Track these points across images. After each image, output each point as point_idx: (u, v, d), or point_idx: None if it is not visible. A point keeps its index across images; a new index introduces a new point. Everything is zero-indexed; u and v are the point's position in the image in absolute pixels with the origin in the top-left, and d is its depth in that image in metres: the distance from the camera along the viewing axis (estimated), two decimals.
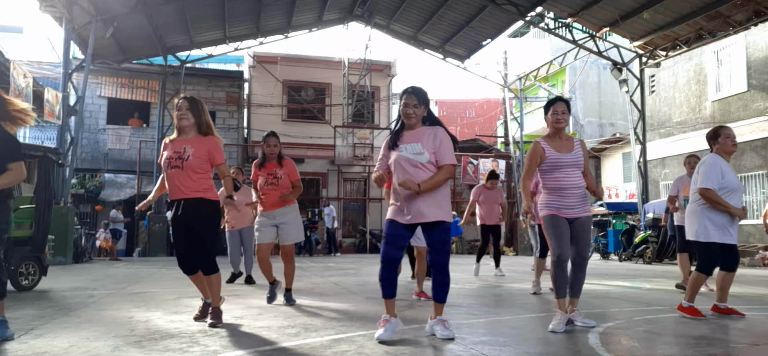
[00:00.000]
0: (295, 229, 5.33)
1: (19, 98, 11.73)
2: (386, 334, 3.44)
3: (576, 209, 4.04)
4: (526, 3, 15.68)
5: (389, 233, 3.60)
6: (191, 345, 3.40)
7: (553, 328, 3.85)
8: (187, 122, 4.04)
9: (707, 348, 3.36)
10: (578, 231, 4.06)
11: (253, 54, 20.25)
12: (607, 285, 7.58)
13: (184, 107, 4.06)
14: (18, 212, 6.87)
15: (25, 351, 3.20)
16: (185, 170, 3.95)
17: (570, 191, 4.03)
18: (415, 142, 3.57)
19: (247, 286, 7.35)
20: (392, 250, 3.58)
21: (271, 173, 5.25)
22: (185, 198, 3.97)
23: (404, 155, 3.55)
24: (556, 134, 4.13)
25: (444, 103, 34.66)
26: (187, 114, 4.04)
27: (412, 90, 3.64)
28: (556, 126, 4.10)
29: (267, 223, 5.28)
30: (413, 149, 3.55)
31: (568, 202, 4.03)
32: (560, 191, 4.04)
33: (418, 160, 3.52)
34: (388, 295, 3.59)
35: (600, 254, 15.83)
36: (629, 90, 16.96)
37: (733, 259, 4.51)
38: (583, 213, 4.06)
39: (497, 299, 6.03)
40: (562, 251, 4.02)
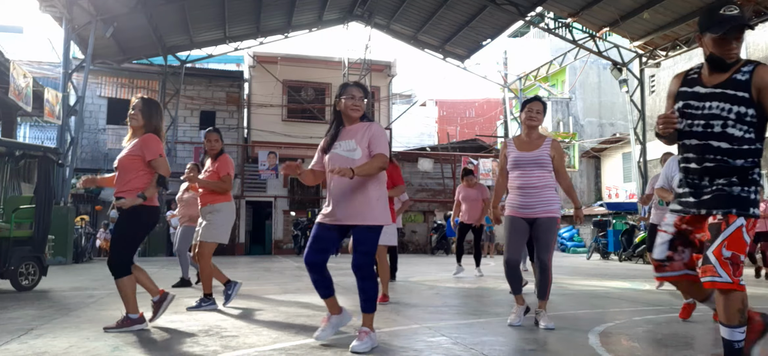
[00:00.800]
0: (211, 229, 5.00)
1: (19, 97, 11.75)
2: (324, 334, 3.40)
3: (536, 209, 3.97)
4: (526, 3, 15.68)
5: (314, 234, 3.43)
6: (191, 345, 3.40)
7: (510, 322, 3.99)
8: (136, 123, 3.95)
9: (707, 348, 3.36)
10: (536, 233, 4.00)
11: (253, 54, 20.25)
12: (607, 285, 7.58)
13: (137, 108, 3.96)
14: (18, 212, 6.87)
15: (25, 351, 3.20)
16: (121, 168, 3.91)
17: (528, 190, 3.97)
18: (349, 139, 3.42)
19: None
20: (313, 253, 3.40)
21: (207, 170, 5.19)
22: (116, 196, 3.88)
23: (338, 152, 3.39)
24: (528, 132, 4.12)
25: (444, 103, 34.66)
26: (138, 115, 3.94)
27: (356, 84, 3.54)
28: (528, 124, 4.08)
29: (201, 222, 5.15)
30: (347, 146, 3.39)
31: (527, 201, 3.98)
32: (520, 189, 4.02)
33: (352, 156, 3.35)
34: (325, 295, 3.48)
35: (600, 254, 15.82)
36: (629, 90, 16.97)
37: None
38: (544, 214, 3.96)
39: (493, 299, 6.03)
40: (510, 255, 4.04)
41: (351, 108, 3.43)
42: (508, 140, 4.16)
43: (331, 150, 3.42)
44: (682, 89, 2.74)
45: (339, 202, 3.35)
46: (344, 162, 3.30)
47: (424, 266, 11.29)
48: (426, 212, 21.32)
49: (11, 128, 14.87)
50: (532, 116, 4.06)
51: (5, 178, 7.72)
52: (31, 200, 7.09)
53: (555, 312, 4.98)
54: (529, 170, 3.98)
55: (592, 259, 15.62)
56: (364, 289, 3.37)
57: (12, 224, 6.74)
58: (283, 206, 19.94)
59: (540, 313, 4.03)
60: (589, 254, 16.35)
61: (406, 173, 21.30)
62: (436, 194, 21.18)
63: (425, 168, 20.72)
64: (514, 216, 4.04)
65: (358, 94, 3.46)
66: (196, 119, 20.12)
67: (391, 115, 22.71)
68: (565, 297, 6.04)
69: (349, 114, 3.44)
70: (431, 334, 3.79)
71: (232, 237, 18.52)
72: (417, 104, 29.02)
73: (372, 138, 3.38)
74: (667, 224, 2.81)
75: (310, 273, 3.44)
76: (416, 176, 21.13)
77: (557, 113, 24.59)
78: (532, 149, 4.03)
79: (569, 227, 22.22)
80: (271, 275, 9.10)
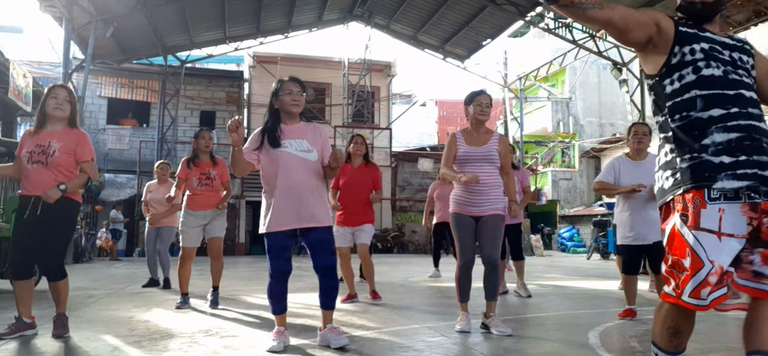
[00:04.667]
0: (221, 223, 5.17)
1: (19, 98, 11.75)
2: (280, 345, 3.23)
3: (482, 207, 3.79)
4: (526, 3, 15.68)
5: (279, 245, 3.25)
6: (191, 345, 3.40)
7: (461, 328, 3.80)
8: (61, 114, 3.65)
9: (707, 347, 3.36)
10: (482, 231, 3.81)
11: (253, 54, 20.25)
12: (607, 285, 7.58)
13: (62, 96, 3.65)
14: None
15: (25, 351, 3.20)
16: (49, 167, 3.56)
17: (477, 187, 3.76)
18: (299, 138, 3.30)
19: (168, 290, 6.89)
20: (286, 262, 3.29)
21: (204, 173, 5.06)
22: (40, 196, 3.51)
23: (290, 151, 3.25)
24: (476, 126, 3.91)
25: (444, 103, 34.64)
26: (64, 105, 3.65)
27: (292, 78, 3.41)
28: (478, 118, 3.87)
29: (195, 223, 5.04)
30: (299, 146, 3.28)
31: (473, 199, 3.81)
32: (469, 187, 3.78)
33: (308, 157, 3.27)
34: (282, 310, 3.37)
35: (600, 254, 15.82)
36: (629, 90, 16.97)
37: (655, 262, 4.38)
38: (490, 212, 3.79)
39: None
40: (467, 258, 3.86)
41: (290, 104, 3.33)
42: (457, 133, 3.95)
43: (281, 149, 3.25)
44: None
45: (304, 203, 3.22)
46: (301, 163, 3.24)
47: (424, 266, 11.28)
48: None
49: (11, 128, 14.86)
50: (483, 109, 3.86)
51: (5, 178, 7.71)
52: None
53: (555, 312, 4.99)
54: (478, 166, 3.78)
55: (592, 259, 15.62)
56: (333, 287, 3.36)
57: (12, 224, 6.73)
58: None
59: (492, 318, 3.80)
60: (589, 254, 16.35)
61: (406, 173, 21.31)
62: None
63: (425, 168, 20.71)
64: (461, 214, 3.86)
65: (296, 89, 3.36)
66: (196, 119, 20.11)
67: (391, 115, 22.70)
68: (565, 297, 6.04)
69: (289, 110, 3.34)
70: (431, 334, 3.78)
71: (232, 237, 18.54)
72: (417, 104, 29.01)
73: (325, 145, 3.39)
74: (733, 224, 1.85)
75: (277, 286, 3.29)
76: (416, 176, 21.13)
77: (557, 113, 24.59)
78: (481, 144, 3.86)
79: (569, 227, 22.22)
80: None
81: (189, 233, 5.04)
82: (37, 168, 3.57)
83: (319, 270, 3.32)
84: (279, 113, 3.37)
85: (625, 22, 1.99)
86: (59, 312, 3.68)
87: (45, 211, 3.51)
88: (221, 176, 5.15)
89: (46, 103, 3.65)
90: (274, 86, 3.41)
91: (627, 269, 4.57)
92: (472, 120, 3.94)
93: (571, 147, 22.90)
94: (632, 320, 4.44)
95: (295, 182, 3.23)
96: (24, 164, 3.61)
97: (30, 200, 3.56)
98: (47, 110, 3.65)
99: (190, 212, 5.07)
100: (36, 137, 3.65)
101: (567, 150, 23.07)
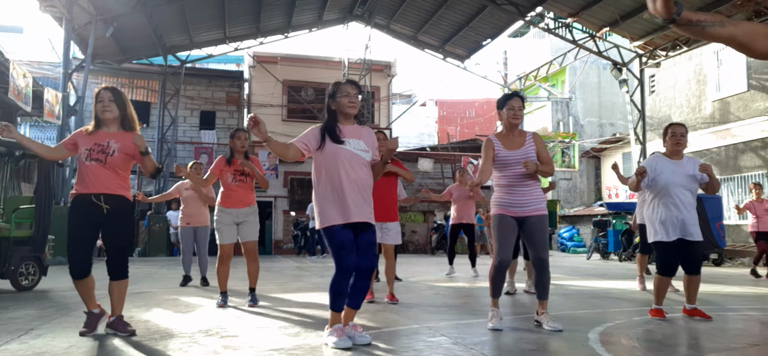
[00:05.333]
0: (254, 227, 5.22)
1: (19, 98, 11.75)
2: (343, 342, 3.24)
3: (527, 208, 3.91)
4: (526, 3, 15.68)
5: (346, 239, 3.27)
6: (191, 345, 3.40)
7: (494, 327, 3.84)
8: (110, 115, 3.72)
9: (707, 348, 3.36)
10: (531, 231, 3.93)
11: (253, 54, 20.25)
12: (607, 285, 7.58)
13: (107, 99, 3.72)
14: (18, 212, 6.87)
15: (25, 351, 3.20)
16: (108, 166, 3.65)
17: (519, 188, 3.91)
18: (357, 138, 3.40)
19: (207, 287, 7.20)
20: (354, 257, 3.29)
21: (238, 170, 5.17)
22: (105, 194, 3.62)
23: (350, 149, 3.34)
24: (509, 130, 4.04)
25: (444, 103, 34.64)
26: (111, 106, 3.72)
27: (349, 81, 3.50)
28: (512, 122, 3.99)
29: (229, 221, 5.12)
30: (357, 145, 3.37)
31: (517, 200, 3.91)
32: (509, 187, 3.94)
33: (365, 156, 3.38)
34: (343, 306, 3.37)
35: (600, 254, 15.82)
36: (629, 90, 16.97)
37: (689, 261, 4.38)
38: (535, 212, 3.91)
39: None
40: (503, 256, 3.93)
41: (348, 106, 3.41)
42: (492, 138, 4.03)
43: (343, 146, 3.34)
44: None
45: (360, 200, 3.32)
46: (358, 160, 3.36)
47: (424, 266, 11.28)
48: (426, 212, 21.31)
49: None
50: (515, 112, 3.96)
51: (5, 178, 7.71)
52: (31, 200, 7.09)
53: (555, 312, 4.98)
54: (517, 169, 3.89)
55: (592, 259, 15.62)
56: (364, 287, 3.39)
57: (12, 224, 6.74)
58: (283, 206, 19.92)
59: (543, 315, 3.97)
60: (589, 254, 16.35)
61: None
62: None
63: (425, 168, 20.71)
64: (504, 215, 3.94)
65: (352, 91, 3.45)
66: (196, 119, 20.12)
67: (391, 115, 22.70)
68: (565, 297, 6.03)
69: (346, 112, 3.42)
70: (431, 334, 3.78)
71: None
72: (417, 104, 29.01)
73: (374, 146, 3.49)
74: None
75: (344, 281, 3.29)
76: (416, 176, 21.11)
77: (557, 113, 24.59)
78: (518, 147, 3.96)
79: (569, 227, 22.21)
80: (271, 275, 9.10)
81: (223, 230, 5.12)
82: (95, 166, 3.64)
83: (359, 270, 3.33)
84: (336, 114, 3.46)
85: (749, 37, 2.00)
86: (118, 315, 3.74)
87: (110, 210, 3.61)
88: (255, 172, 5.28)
89: (95, 107, 3.76)
90: (330, 89, 3.49)
91: (663, 269, 4.43)
92: (505, 124, 4.05)
93: (571, 147, 22.88)
94: (632, 320, 4.43)
95: (355, 178, 3.33)
96: (81, 162, 3.66)
97: (88, 198, 3.62)
98: (98, 113, 3.75)
99: (224, 209, 5.16)
100: (94, 136, 3.72)
101: (567, 150, 23.05)
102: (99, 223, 3.65)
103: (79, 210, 3.64)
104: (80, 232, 3.63)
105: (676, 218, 4.31)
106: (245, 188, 5.21)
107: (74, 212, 3.65)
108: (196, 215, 7.29)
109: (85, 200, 3.63)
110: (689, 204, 4.36)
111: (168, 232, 16.51)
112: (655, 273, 4.51)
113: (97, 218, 3.63)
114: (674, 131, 4.54)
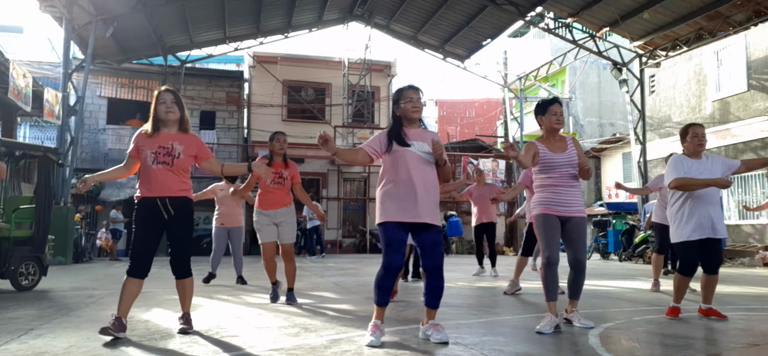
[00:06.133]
0: (292, 229, 5.38)
1: (19, 98, 11.74)
2: (376, 339, 3.34)
3: (570, 208, 4.01)
4: (526, 3, 15.68)
5: (393, 238, 3.38)
6: (191, 345, 3.40)
7: (540, 329, 3.81)
8: (173, 116, 3.77)
9: (707, 348, 3.36)
10: (572, 233, 4.02)
11: (253, 54, 20.25)
12: (607, 285, 7.58)
13: (170, 100, 3.78)
14: (18, 212, 6.87)
15: (25, 351, 3.20)
16: (175, 168, 3.72)
17: (565, 189, 4.02)
18: (421, 141, 3.52)
19: (241, 286, 7.28)
20: (400, 257, 3.40)
21: (277, 173, 5.27)
22: (170, 196, 3.70)
23: (415, 151, 3.47)
24: (551, 134, 4.13)
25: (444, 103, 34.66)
26: (174, 108, 3.77)
27: (417, 87, 3.61)
28: (554, 126, 4.10)
29: (268, 222, 5.30)
30: (420, 147, 3.49)
31: (562, 199, 4.01)
32: (554, 188, 4.03)
33: (429, 159, 3.50)
34: (385, 302, 3.48)
35: (600, 254, 15.83)
36: (629, 90, 16.97)
37: (710, 260, 4.39)
38: (578, 213, 4.03)
39: (495, 299, 6.03)
40: (551, 253, 3.97)
41: (412, 110, 3.54)
42: (536, 143, 4.11)
43: (408, 148, 3.45)
44: None
45: (424, 201, 3.40)
46: (425, 163, 3.46)
47: None
48: None
49: (11, 128, 14.86)
50: (558, 117, 4.08)
51: (5, 178, 7.71)
52: (31, 200, 7.09)
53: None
54: (564, 171, 4.01)
55: (592, 259, 15.62)
56: (439, 287, 3.47)
57: (12, 224, 6.74)
58: None
59: (573, 313, 4.08)
60: (589, 254, 16.36)
61: None
62: None
63: None
64: (549, 214, 4.00)
65: (415, 96, 3.57)
66: (196, 119, 20.13)
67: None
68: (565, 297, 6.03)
69: (410, 116, 3.54)
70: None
71: None
72: None
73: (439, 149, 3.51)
74: None
75: (388, 280, 3.40)
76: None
77: None
78: (562, 150, 4.06)
79: None
80: None
81: (263, 229, 5.30)
82: (163, 169, 3.69)
83: (428, 270, 3.44)
84: (401, 119, 3.56)
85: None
86: (185, 311, 3.87)
87: (175, 212, 3.69)
88: (293, 178, 5.38)
89: (157, 109, 3.76)
90: (394, 95, 3.63)
91: (686, 269, 4.41)
92: (548, 129, 4.12)
93: None
94: (632, 320, 4.43)
95: (419, 179, 3.41)
96: (147, 165, 3.69)
97: (154, 201, 3.68)
98: (160, 115, 3.76)
99: (261, 211, 5.32)
100: (156, 138, 3.74)
101: None
102: (164, 225, 3.73)
103: (145, 212, 3.70)
104: (146, 234, 3.69)
105: (706, 216, 4.32)
106: (283, 190, 5.33)
107: (141, 214, 3.70)
108: (230, 216, 7.42)
109: (151, 203, 3.69)
110: (717, 202, 4.41)
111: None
112: (677, 271, 4.53)
113: (162, 221, 3.70)
114: (696, 131, 4.53)
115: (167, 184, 3.70)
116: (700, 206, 4.33)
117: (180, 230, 3.75)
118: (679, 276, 4.47)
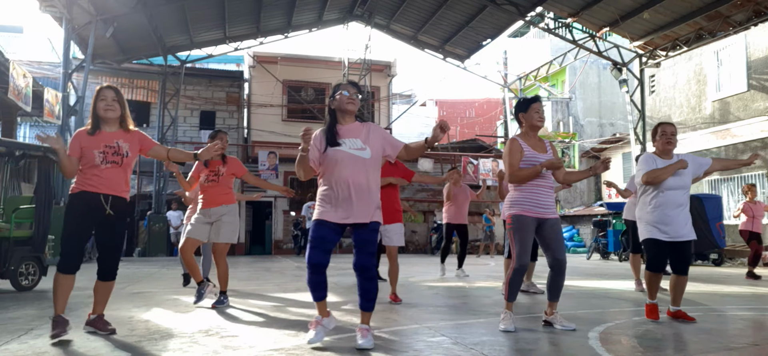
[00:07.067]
0: (229, 228, 5.19)
1: (19, 98, 11.75)
2: (318, 337, 3.35)
3: (547, 210, 3.94)
4: (526, 3, 15.68)
5: (319, 235, 3.35)
6: (191, 345, 3.40)
7: (506, 328, 3.82)
8: (114, 114, 3.72)
9: (707, 348, 3.36)
10: (550, 233, 3.95)
11: (253, 54, 20.25)
12: (607, 285, 7.58)
13: (110, 98, 3.71)
14: (18, 212, 6.87)
15: (25, 351, 3.20)
16: (123, 167, 3.70)
17: (544, 190, 3.95)
18: (353, 137, 3.41)
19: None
20: (320, 254, 3.35)
21: (213, 170, 5.19)
22: (114, 195, 3.66)
23: (346, 150, 3.36)
24: (532, 132, 4.09)
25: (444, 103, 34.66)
26: (114, 105, 3.71)
27: (349, 82, 3.55)
28: (537, 124, 4.05)
29: (203, 220, 5.17)
30: (353, 144, 3.38)
31: (540, 201, 3.93)
32: (534, 188, 3.93)
33: (362, 155, 3.36)
34: (321, 298, 3.44)
35: (600, 254, 15.83)
36: (629, 90, 16.97)
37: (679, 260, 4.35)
38: (553, 214, 3.98)
39: (494, 299, 6.02)
40: (524, 259, 3.90)
41: (347, 102, 3.43)
42: (517, 139, 4.05)
43: (338, 148, 3.36)
44: None
45: (354, 200, 3.32)
46: (356, 161, 3.34)
47: (424, 266, 11.28)
48: (426, 212, 21.32)
49: (11, 128, 14.87)
50: (541, 115, 4.05)
51: (5, 178, 7.72)
52: (31, 200, 7.09)
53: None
54: (545, 171, 3.95)
55: (592, 259, 15.62)
56: (369, 289, 3.39)
57: (12, 224, 6.74)
58: (283, 206, 19.93)
59: (553, 315, 4.02)
60: (589, 254, 16.35)
61: None
62: (435, 195, 21.15)
63: (425, 168, 20.71)
64: (526, 215, 3.91)
65: (352, 89, 3.49)
66: (196, 119, 20.14)
67: (391, 115, 22.71)
68: (565, 297, 6.02)
69: (345, 109, 3.44)
70: (431, 334, 3.79)
71: None
72: (417, 104, 29.01)
73: (384, 139, 3.49)
74: None
75: (313, 275, 3.37)
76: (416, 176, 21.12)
77: (557, 113, 24.59)
78: (543, 150, 4.04)
79: (569, 227, 22.22)
80: (271, 275, 9.10)
81: (194, 227, 5.17)
82: (113, 168, 3.66)
83: (356, 269, 3.39)
84: (336, 114, 3.49)
85: None
86: (100, 314, 3.78)
87: (114, 211, 3.64)
88: (234, 172, 5.28)
89: (96, 106, 3.71)
90: (332, 90, 3.56)
91: (654, 266, 4.39)
92: (529, 126, 4.07)
93: (571, 147, 22.90)
94: (632, 320, 4.43)
95: (352, 178, 3.33)
96: (95, 164, 3.61)
97: (97, 197, 3.60)
98: (99, 112, 3.71)
99: (199, 209, 5.23)
100: (98, 137, 3.68)
101: (567, 150, 23.06)
102: (98, 223, 3.65)
103: (82, 207, 3.60)
104: (79, 230, 3.62)
105: (669, 217, 4.27)
106: (218, 188, 5.19)
107: (76, 208, 3.61)
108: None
109: (91, 199, 3.60)
110: (683, 203, 4.33)
111: (168, 232, 16.52)
112: (646, 269, 4.46)
113: (98, 218, 3.63)
114: (664, 130, 4.47)
115: (116, 182, 3.67)
116: (667, 208, 4.29)
117: (119, 229, 3.72)
118: (648, 273, 4.42)
